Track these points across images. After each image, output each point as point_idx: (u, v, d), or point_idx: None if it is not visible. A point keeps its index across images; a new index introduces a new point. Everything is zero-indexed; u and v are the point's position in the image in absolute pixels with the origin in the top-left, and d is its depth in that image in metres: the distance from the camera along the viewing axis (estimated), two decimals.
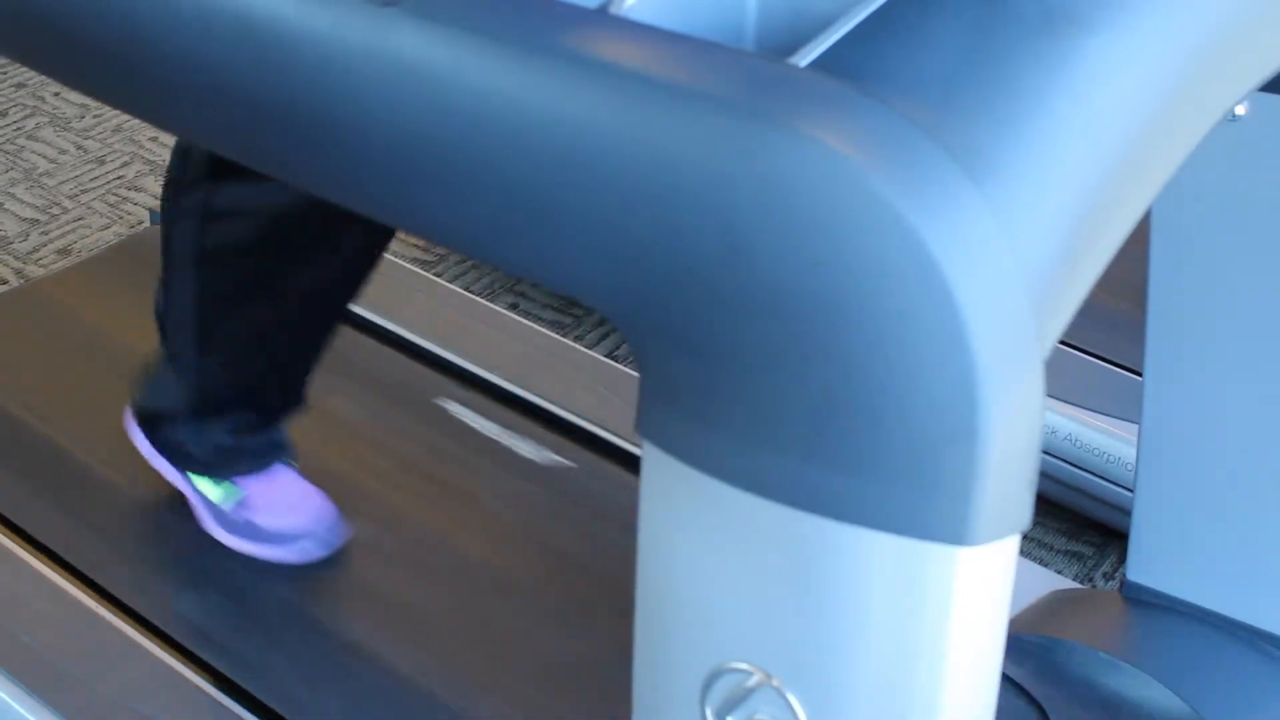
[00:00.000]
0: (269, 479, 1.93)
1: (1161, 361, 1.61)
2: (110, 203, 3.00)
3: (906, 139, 0.78)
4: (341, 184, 0.98)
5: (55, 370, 2.24)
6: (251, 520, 1.92)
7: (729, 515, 0.83)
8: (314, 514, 1.94)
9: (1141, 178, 0.87)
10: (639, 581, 0.90)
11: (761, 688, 0.85)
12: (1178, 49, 0.89)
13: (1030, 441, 0.79)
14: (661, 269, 0.80)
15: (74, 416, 2.14)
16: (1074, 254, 0.81)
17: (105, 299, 2.38)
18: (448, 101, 0.86)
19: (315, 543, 1.93)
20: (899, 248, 0.75)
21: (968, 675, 0.82)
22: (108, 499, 2.02)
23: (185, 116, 1.07)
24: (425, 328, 2.32)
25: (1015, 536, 0.81)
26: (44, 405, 2.17)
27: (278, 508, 1.93)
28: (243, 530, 1.93)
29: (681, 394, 0.83)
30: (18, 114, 3.27)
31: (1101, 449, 2.13)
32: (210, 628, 1.85)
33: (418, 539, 1.97)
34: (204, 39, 0.97)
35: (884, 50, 0.84)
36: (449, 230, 0.91)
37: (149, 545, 1.97)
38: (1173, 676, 1.63)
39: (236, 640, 1.83)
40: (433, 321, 2.34)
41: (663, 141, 0.79)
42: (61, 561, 1.92)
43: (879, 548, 0.79)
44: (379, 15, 0.89)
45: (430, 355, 2.28)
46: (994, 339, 0.76)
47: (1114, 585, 2.17)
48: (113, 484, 2.03)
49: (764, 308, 0.78)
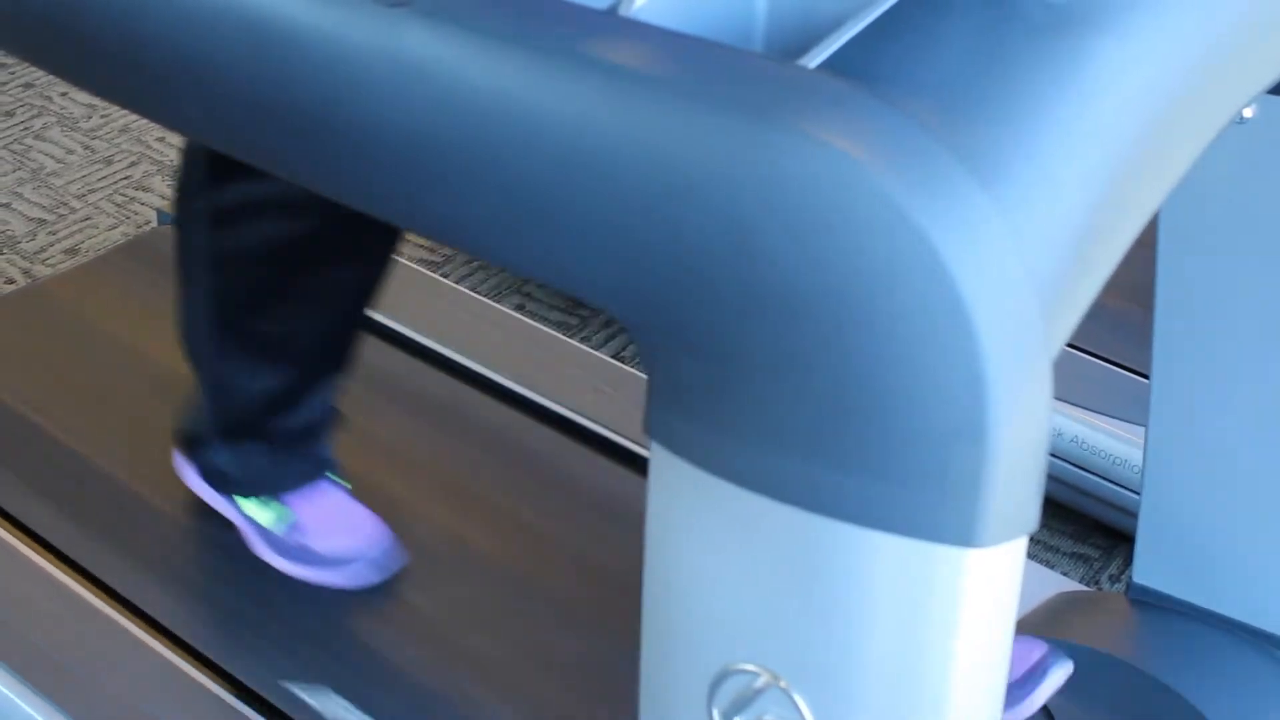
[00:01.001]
0: (318, 499, 1.91)
1: (1168, 364, 1.61)
2: (118, 202, 3.00)
3: (915, 141, 0.78)
4: (349, 184, 0.98)
5: (62, 370, 2.24)
6: (305, 544, 1.89)
7: (737, 517, 0.83)
8: (368, 537, 1.91)
9: (1149, 180, 0.87)
10: (646, 582, 0.90)
11: (769, 689, 0.85)
12: (1186, 51, 0.89)
13: (1038, 444, 0.79)
14: (670, 270, 0.80)
15: (81, 416, 2.14)
16: (1082, 256, 0.81)
17: (112, 299, 2.38)
18: (456, 102, 0.86)
19: (369, 566, 1.90)
20: (908, 250, 0.76)
21: (975, 677, 0.82)
22: (115, 499, 2.02)
23: (194, 116, 1.07)
24: (431, 329, 2.32)
25: (1023, 538, 0.81)
26: (51, 405, 2.17)
27: (331, 530, 1.90)
28: (296, 554, 1.90)
29: (690, 395, 0.83)
30: (25, 114, 3.27)
31: (1108, 452, 2.13)
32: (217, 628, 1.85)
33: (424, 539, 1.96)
34: (212, 38, 0.97)
35: (892, 52, 0.84)
36: (457, 231, 0.91)
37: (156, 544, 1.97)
38: (1179, 679, 1.63)
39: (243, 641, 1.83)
40: (439, 323, 2.34)
41: (672, 143, 0.79)
42: (68, 560, 1.92)
43: (887, 549, 0.79)
44: (387, 15, 0.89)
45: (436, 356, 2.27)
46: (1002, 341, 0.76)
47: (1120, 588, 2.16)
48: (120, 484, 2.03)
49: (772, 309, 0.78)
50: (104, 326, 2.32)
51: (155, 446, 2.01)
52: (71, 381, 2.21)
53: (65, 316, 2.35)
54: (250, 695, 1.76)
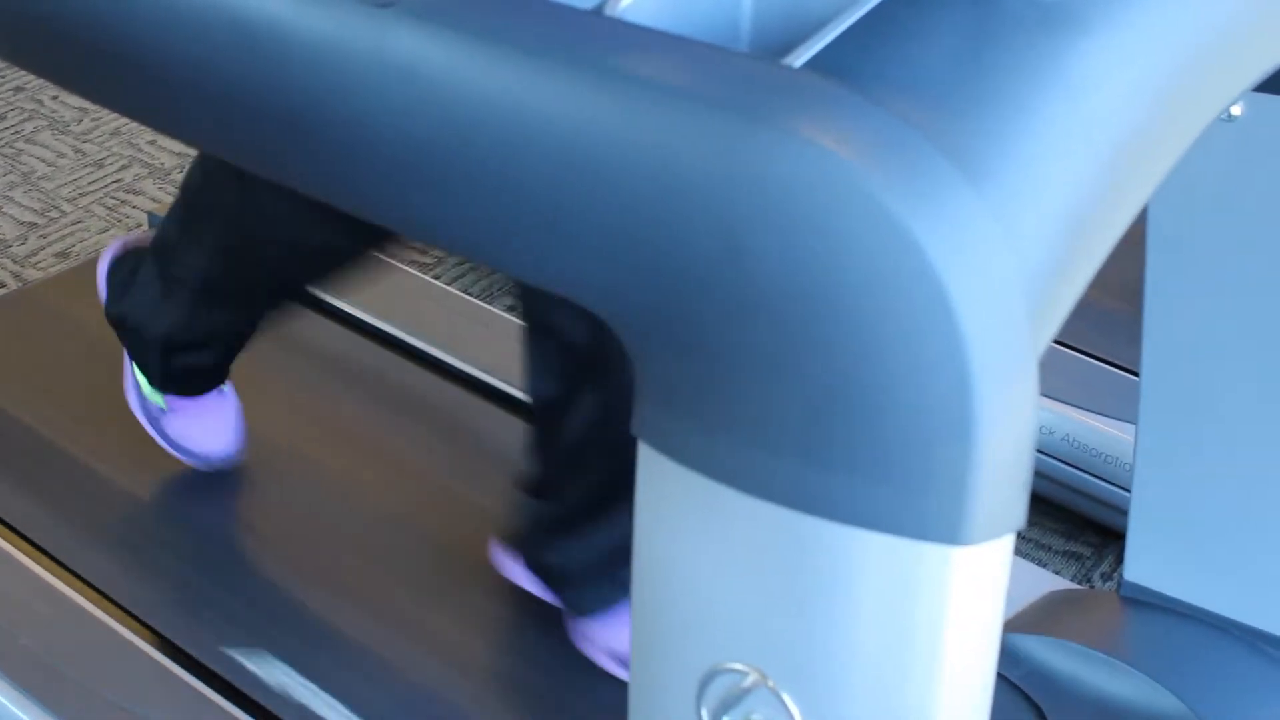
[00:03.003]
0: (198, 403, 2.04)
1: (1158, 361, 1.61)
2: (109, 206, 3.00)
3: (901, 139, 0.78)
4: (338, 187, 0.98)
5: (53, 373, 2.24)
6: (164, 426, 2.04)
7: (724, 516, 0.83)
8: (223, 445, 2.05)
9: (1136, 177, 0.87)
10: (634, 582, 0.90)
11: (757, 688, 0.85)
12: (1172, 49, 0.89)
13: (1024, 441, 0.79)
14: (655, 271, 0.80)
15: (71, 419, 2.14)
16: (1068, 254, 0.81)
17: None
18: (441, 103, 0.86)
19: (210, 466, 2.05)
20: (894, 249, 0.76)
21: (963, 675, 0.82)
22: (106, 501, 2.02)
23: (182, 119, 1.07)
24: (423, 330, 2.32)
25: (1010, 536, 0.81)
26: (42, 408, 2.17)
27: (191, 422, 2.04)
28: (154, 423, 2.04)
29: (677, 395, 0.83)
30: (16, 117, 3.27)
31: (1100, 449, 2.13)
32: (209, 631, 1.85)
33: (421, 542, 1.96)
34: (198, 39, 0.97)
35: (879, 51, 0.84)
36: (442, 232, 0.91)
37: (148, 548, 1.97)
38: (1170, 676, 1.63)
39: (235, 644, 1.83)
40: (431, 324, 2.34)
41: (657, 143, 0.79)
42: (59, 563, 1.92)
43: (874, 548, 0.79)
44: (374, 16, 0.89)
45: (428, 357, 2.28)
46: (988, 339, 0.76)
47: (1112, 586, 2.17)
48: (111, 486, 2.03)
49: (759, 309, 0.78)
50: (95, 330, 2.32)
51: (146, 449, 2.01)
52: (62, 385, 2.21)
53: (56, 320, 2.35)
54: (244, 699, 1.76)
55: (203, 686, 1.77)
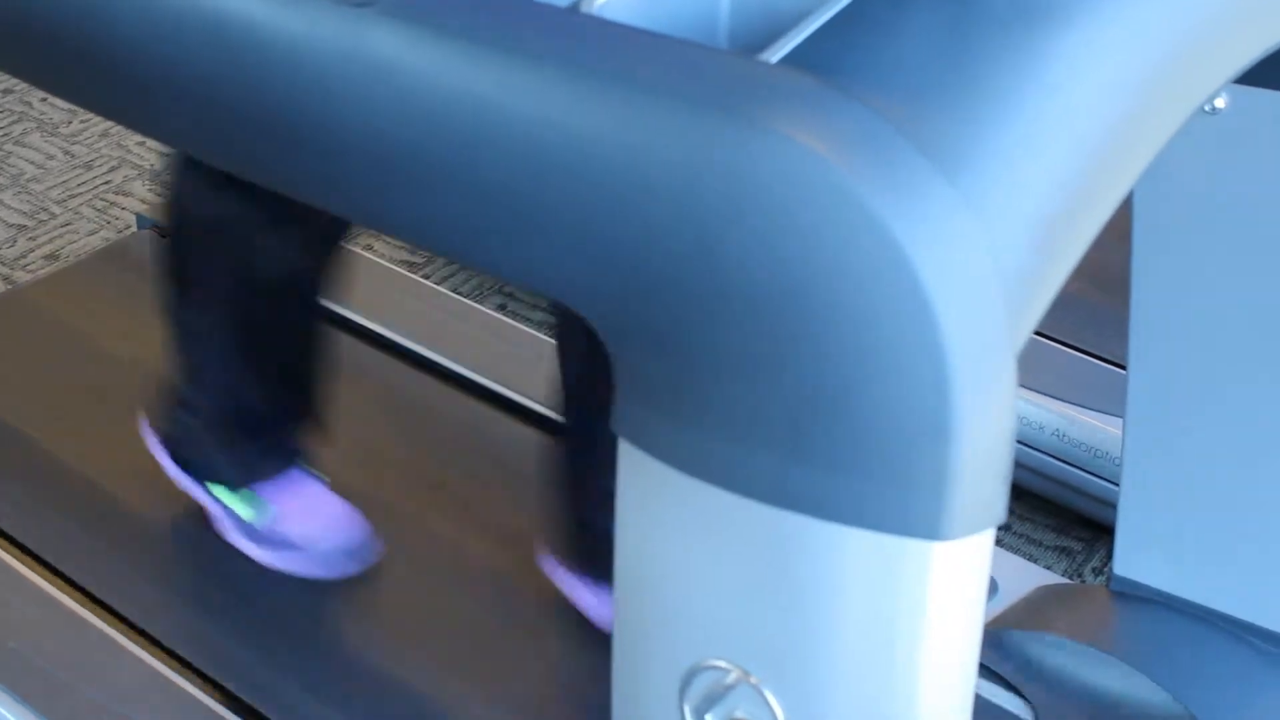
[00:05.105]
0: (293, 489, 1.91)
1: (1145, 355, 1.61)
2: (98, 208, 3.00)
3: (878, 134, 0.78)
4: (318, 187, 0.98)
5: (43, 376, 2.24)
6: (281, 532, 1.90)
7: (705, 513, 0.83)
8: (343, 526, 1.91)
9: (1115, 170, 0.87)
10: (617, 580, 0.90)
11: (739, 685, 0.85)
12: (1151, 42, 0.89)
13: (1004, 436, 0.79)
14: (633, 267, 0.80)
15: (61, 422, 2.14)
16: (1047, 248, 0.81)
17: (93, 304, 2.38)
18: (420, 101, 0.86)
19: (346, 556, 1.91)
20: (870, 244, 0.75)
21: (945, 669, 0.82)
22: (95, 504, 2.01)
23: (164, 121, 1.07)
24: (412, 330, 2.32)
25: (990, 530, 0.81)
26: (31, 411, 2.16)
27: (306, 518, 1.91)
28: (271, 542, 1.90)
29: (656, 392, 0.83)
30: (5, 119, 3.27)
31: (1088, 443, 2.13)
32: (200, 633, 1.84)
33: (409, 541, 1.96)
34: (177, 40, 0.97)
35: (856, 45, 0.84)
36: (422, 231, 0.91)
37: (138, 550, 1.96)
38: (1160, 670, 1.63)
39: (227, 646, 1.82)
40: (420, 323, 2.34)
41: (633, 139, 0.79)
42: (49, 567, 1.91)
43: (854, 544, 0.79)
44: (351, 16, 0.89)
45: (418, 357, 2.27)
46: (966, 335, 0.76)
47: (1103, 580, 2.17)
48: (101, 489, 2.03)
49: (736, 305, 0.78)
50: (85, 332, 2.32)
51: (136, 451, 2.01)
52: (52, 387, 2.21)
53: (46, 322, 2.34)
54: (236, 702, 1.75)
55: (195, 690, 1.76)
